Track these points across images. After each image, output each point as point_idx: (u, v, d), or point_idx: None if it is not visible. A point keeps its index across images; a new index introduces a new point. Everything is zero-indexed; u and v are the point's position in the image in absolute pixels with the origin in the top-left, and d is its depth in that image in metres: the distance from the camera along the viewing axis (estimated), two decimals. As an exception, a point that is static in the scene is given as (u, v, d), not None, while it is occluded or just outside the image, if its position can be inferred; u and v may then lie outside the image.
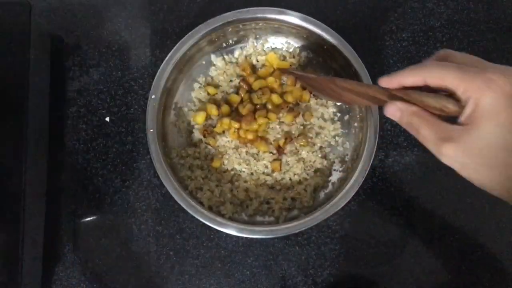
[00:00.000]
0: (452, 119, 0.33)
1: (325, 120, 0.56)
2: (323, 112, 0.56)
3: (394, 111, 0.34)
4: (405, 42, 0.60)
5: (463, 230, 0.56)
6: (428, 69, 0.33)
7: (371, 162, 0.50)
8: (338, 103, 0.56)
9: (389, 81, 0.34)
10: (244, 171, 0.54)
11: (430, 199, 0.56)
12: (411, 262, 0.56)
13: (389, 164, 0.57)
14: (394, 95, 0.34)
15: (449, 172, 0.34)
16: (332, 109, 0.56)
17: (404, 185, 0.57)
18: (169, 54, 0.52)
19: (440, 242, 0.56)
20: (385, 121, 0.58)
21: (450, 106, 0.32)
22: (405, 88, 0.34)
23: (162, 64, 0.52)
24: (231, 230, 0.49)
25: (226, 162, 0.55)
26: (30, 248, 0.50)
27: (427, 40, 0.60)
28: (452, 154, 0.31)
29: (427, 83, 0.33)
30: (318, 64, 0.57)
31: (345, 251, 0.56)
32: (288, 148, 0.54)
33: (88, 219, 0.57)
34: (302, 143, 0.54)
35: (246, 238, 0.56)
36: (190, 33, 0.52)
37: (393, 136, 0.58)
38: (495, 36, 0.60)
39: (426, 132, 0.32)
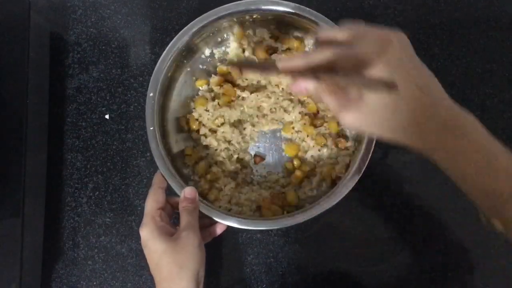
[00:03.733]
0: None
1: None
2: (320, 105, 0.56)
3: (298, 88, 0.38)
4: (405, 40, 0.60)
5: (463, 227, 0.56)
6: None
7: (370, 155, 0.49)
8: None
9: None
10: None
11: (430, 196, 0.56)
12: (411, 259, 0.56)
13: (389, 162, 0.57)
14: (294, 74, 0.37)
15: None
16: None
17: (404, 183, 0.57)
18: (164, 52, 0.52)
19: (439, 239, 0.56)
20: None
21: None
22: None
23: (158, 63, 0.51)
24: (233, 223, 0.49)
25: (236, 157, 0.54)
26: (30, 246, 0.50)
27: (428, 38, 0.60)
28: (351, 118, 0.36)
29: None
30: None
31: (345, 248, 0.56)
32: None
33: (88, 216, 0.57)
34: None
35: (246, 235, 0.56)
36: (183, 29, 0.52)
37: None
38: (496, 34, 0.60)
39: (328, 100, 0.37)
